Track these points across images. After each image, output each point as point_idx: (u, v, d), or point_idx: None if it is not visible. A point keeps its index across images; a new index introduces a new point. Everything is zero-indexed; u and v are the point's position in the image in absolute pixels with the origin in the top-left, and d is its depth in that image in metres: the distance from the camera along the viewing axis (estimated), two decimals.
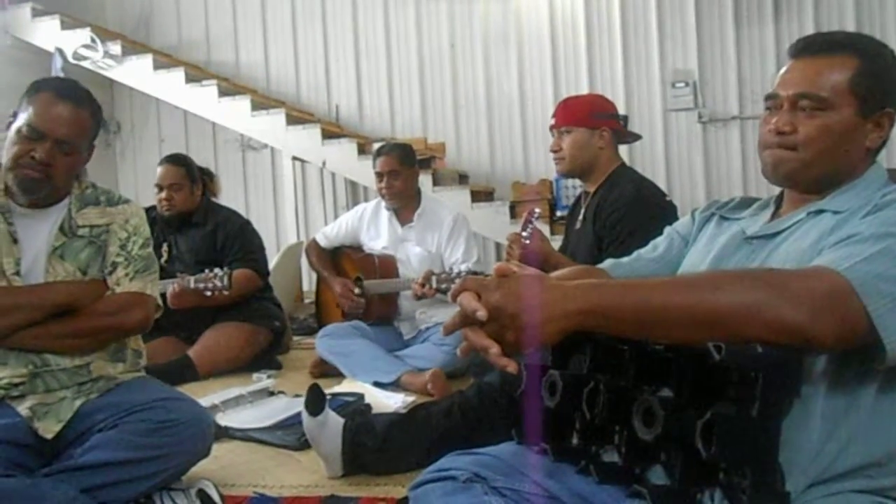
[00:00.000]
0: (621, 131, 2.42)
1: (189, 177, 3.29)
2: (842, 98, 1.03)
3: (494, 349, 0.89)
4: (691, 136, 5.56)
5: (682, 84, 5.50)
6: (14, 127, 1.62)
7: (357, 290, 3.09)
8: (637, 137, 2.63)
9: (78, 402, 1.62)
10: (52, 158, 1.61)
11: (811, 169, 1.06)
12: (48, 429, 1.57)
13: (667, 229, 1.32)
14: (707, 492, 0.82)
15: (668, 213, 2.20)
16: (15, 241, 1.64)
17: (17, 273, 1.62)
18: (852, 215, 0.99)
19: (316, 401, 1.85)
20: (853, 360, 0.90)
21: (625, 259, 1.30)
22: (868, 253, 0.88)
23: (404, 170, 3.10)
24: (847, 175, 1.06)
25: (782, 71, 1.10)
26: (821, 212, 1.04)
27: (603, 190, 2.33)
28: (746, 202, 1.22)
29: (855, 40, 1.07)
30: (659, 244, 1.30)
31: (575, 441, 0.98)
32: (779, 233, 1.07)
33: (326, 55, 6.29)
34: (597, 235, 2.27)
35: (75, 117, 1.63)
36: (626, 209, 2.21)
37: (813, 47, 1.07)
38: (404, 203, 3.15)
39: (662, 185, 2.61)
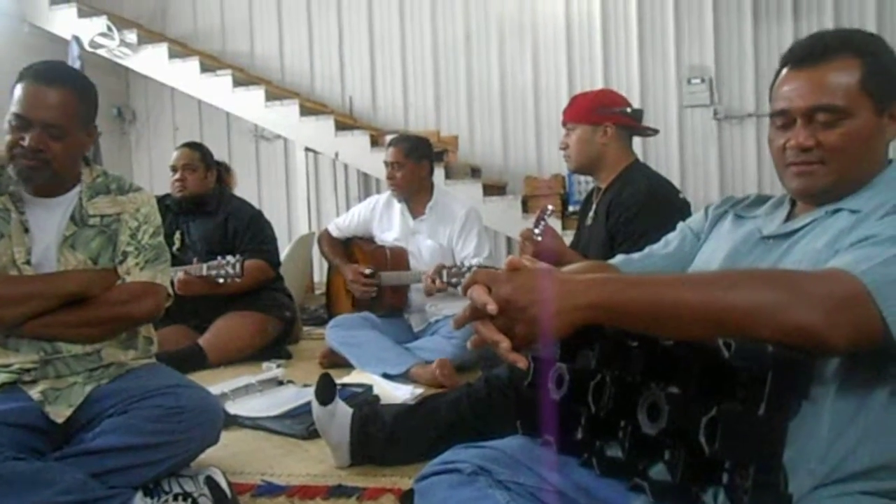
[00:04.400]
0: (632, 126, 2.39)
1: (203, 160, 3.31)
2: (857, 101, 1.00)
3: (505, 343, 0.89)
4: (706, 133, 5.52)
5: (697, 80, 5.45)
6: (6, 117, 1.63)
7: (368, 272, 3.09)
8: (654, 132, 2.58)
9: (89, 388, 1.63)
10: (42, 144, 1.59)
11: (843, 178, 1.02)
12: (59, 413, 1.59)
13: (679, 225, 1.31)
14: (709, 490, 0.81)
15: (681, 211, 2.17)
16: (26, 230, 1.65)
17: (29, 262, 1.63)
18: (870, 215, 0.97)
19: (326, 390, 1.86)
20: (865, 362, 0.89)
21: (636, 255, 1.29)
22: (886, 256, 0.86)
23: (408, 163, 3.10)
24: (869, 176, 1.03)
25: (781, 82, 1.06)
26: (837, 211, 1.02)
27: (615, 187, 2.31)
28: (761, 200, 1.20)
29: (849, 39, 1.04)
30: (671, 240, 1.28)
31: (580, 435, 0.97)
32: (795, 232, 1.05)
33: (341, 47, 6.29)
34: (609, 233, 2.24)
35: (56, 100, 1.60)
36: (639, 208, 2.18)
37: (812, 54, 1.03)
38: (409, 196, 3.15)
39: (676, 182, 2.58)
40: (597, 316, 0.88)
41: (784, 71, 1.07)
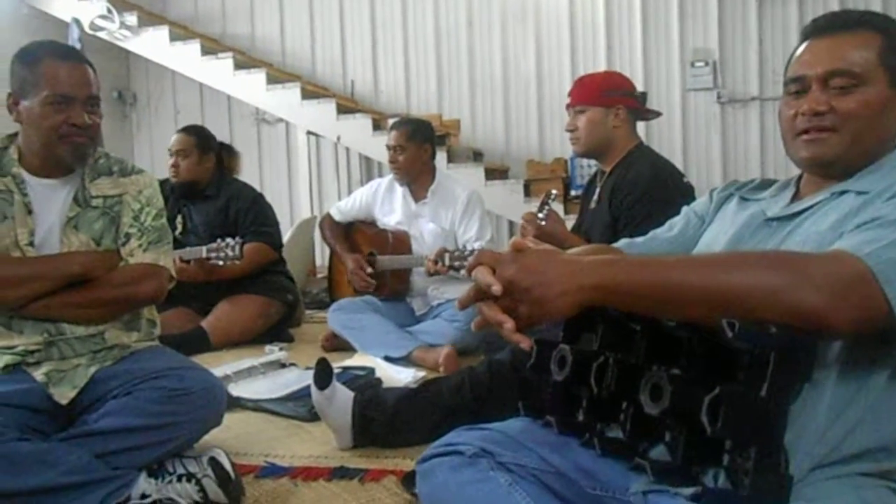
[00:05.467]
0: (638, 109, 2.38)
1: (198, 145, 3.29)
2: (873, 71, 1.00)
3: (509, 324, 0.90)
4: (710, 117, 5.48)
5: (701, 63, 5.41)
6: (30, 103, 1.61)
7: (369, 270, 3.10)
8: (657, 114, 2.57)
9: (92, 370, 1.64)
10: (91, 119, 1.64)
11: (854, 148, 1.01)
12: (63, 395, 1.60)
13: (684, 209, 1.31)
14: (710, 471, 0.81)
15: (685, 194, 2.16)
16: (30, 211, 1.65)
17: (31, 244, 1.64)
18: (877, 197, 0.96)
19: (323, 375, 1.87)
20: (868, 344, 0.89)
21: (640, 238, 1.29)
22: (891, 238, 0.86)
23: (410, 146, 3.09)
24: (878, 153, 1.03)
25: (800, 53, 1.06)
26: (843, 192, 1.01)
27: (619, 170, 2.30)
28: (766, 183, 1.20)
29: (870, 17, 1.05)
30: (675, 223, 1.28)
31: (581, 416, 0.98)
32: (799, 213, 1.05)
33: (342, 30, 6.24)
34: (613, 216, 2.24)
35: (89, 75, 1.66)
36: (642, 190, 2.18)
37: (833, 25, 1.04)
38: (411, 179, 3.14)
39: (679, 166, 2.56)
40: (601, 297, 0.88)
41: (804, 44, 1.07)
